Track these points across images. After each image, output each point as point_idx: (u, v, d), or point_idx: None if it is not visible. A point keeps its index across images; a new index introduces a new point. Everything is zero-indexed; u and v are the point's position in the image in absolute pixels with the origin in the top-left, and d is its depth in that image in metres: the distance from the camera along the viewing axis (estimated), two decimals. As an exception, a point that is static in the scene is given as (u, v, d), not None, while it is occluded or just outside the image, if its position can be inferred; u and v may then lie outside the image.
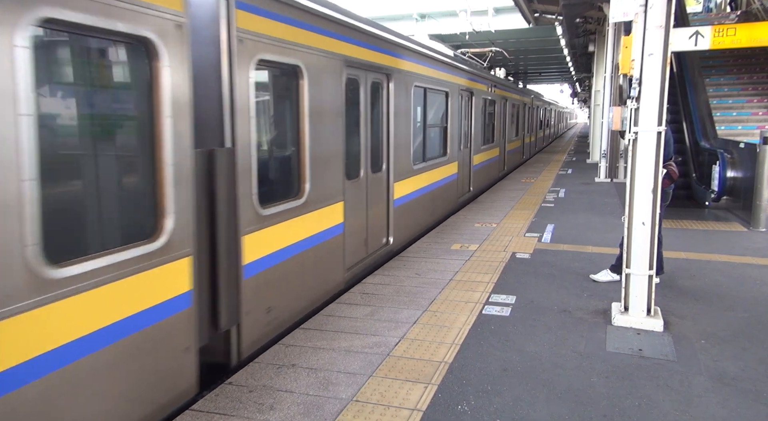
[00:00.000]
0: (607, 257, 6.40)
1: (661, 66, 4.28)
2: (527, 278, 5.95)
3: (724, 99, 15.01)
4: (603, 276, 5.82)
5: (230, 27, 3.71)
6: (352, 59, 5.60)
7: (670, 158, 5.42)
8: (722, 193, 9.73)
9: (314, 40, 4.80)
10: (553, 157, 23.20)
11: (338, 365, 3.89)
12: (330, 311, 4.94)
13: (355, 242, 5.89)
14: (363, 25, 5.87)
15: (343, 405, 3.36)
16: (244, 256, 3.90)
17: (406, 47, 7.23)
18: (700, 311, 5.00)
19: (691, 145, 11.91)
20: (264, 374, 3.77)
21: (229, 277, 3.78)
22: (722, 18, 16.14)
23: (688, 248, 7.18)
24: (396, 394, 3.50)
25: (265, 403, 3.39)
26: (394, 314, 4.88)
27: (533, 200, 11.32)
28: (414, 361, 3.96)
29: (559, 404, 3.39)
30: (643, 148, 4.44)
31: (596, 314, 4.88)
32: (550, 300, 5.25)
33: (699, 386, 3.62)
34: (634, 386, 3.61)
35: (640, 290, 4.61)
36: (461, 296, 5.37)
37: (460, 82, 10.20)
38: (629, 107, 4.42)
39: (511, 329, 4.55)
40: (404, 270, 6.25)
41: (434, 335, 4.43)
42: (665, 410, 3.32)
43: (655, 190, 4.46)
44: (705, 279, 5.95)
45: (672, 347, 4.21)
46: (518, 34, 25.32)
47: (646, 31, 4.28)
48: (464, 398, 3.46)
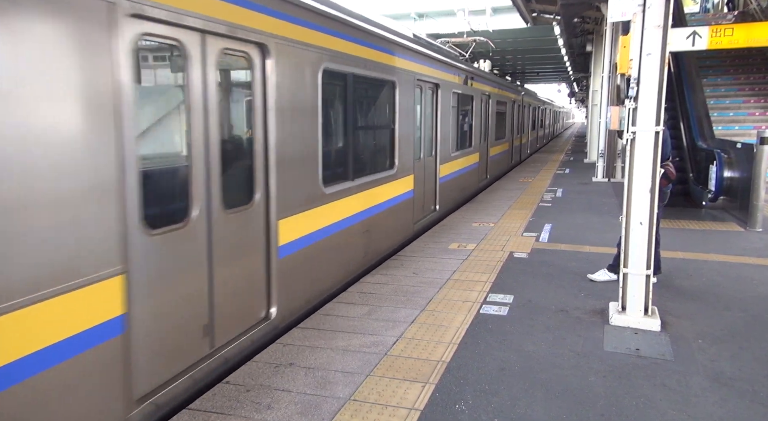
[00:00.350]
0: (605, 256, 6.41)
1: (659, 66, 4.28)
2: (525, 278, 5.95)
3: (722, 99, 15.06)
4: (600, 276, 5.83)
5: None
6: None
7: (667, 158, 5.44)
8: (719, 193, 9.74)
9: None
10: (550, 156, 23.24)
11: (336, 365, 3.88)
12: (327, 310, 4.94)
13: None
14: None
15: (340, 404, 3.36)
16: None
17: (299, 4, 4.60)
18: (698, 310, 5.01)
19: (689, 146, 11.94)
20: (261, 373, 3.76)
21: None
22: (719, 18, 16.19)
23: (685, 248, 7.19)
24: (394, 393, 3.49)
25: (263, 402, 3.38)
26: (391, 313, 4.88)
27: (531, 200, 11.32)
28: (412, 360, 3.96)
29: (557, 403, 3.39)
30: (641, 147, 4.44)
31: (594, 314, 4.88)
32: (548, 300, 5.25)
33: (696, 385, 3.63)
34: (631, 386, 3.61)
35: (638, 290, 4.62)
36: (459, 295, 5.37)
37: (418, 71, 7.83)
38: (627, 107, 4.42)
39: (509, 329, 4.55)
40: (402, 269, 6.25)
41: (432, 334, 4.42)
42: (662, 410, 3.32)
43: (653, 190, 4.46)
44: (702, 279, 5.96)
45: (669, 347, 4.22)
46: (516, 34, 25.35)
47: (645, 31, 4.28)
48: (462, 397, 3.45)
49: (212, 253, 3.58)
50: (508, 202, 11.07)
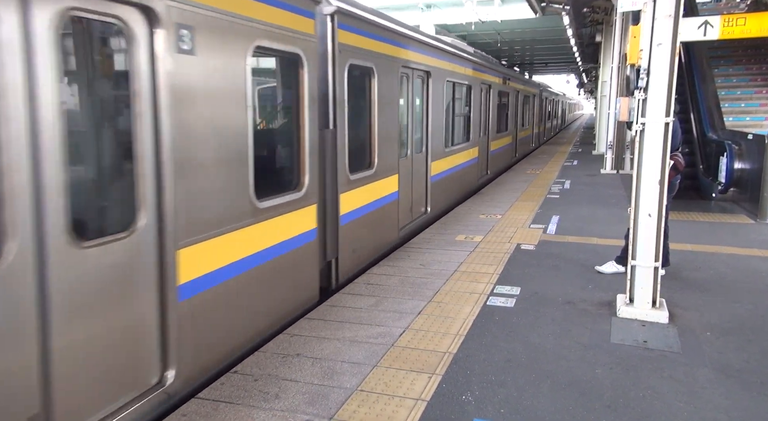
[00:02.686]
0: (612, 248, 6.38)
1: (669, 56, 4.24)
2: (532, 270, 5.94)
3: (733, 90, 14.89)
4: (608, 268, 5.81)
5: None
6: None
7: (676, 149, 5.39)
8: (729, 185, 9.67)
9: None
10: (558, 148, 23.10)
11: (343, 355, 3.90)
12: (334, 302, 4.96)
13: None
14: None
15: (347, 394, 3.38)
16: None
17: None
18: (706, 303, 4.98)
19: (698, 137, 11.83)
20: (269, 363, 3.79)
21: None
22: (732, 8, 15.96)
23: (694, 240, 7.15)
24: (400, 384, 3.51)
25: (270, 392, 3.41)
26: (398, 304, 4.89)
27: (538, 192, 11.28)
28: (418, 351, 3.97)
29: (563, 394, 3.40)
30: (650, 139, 4.40)
31: (601, 306, 4.87)
32: (555, 292, 5.25)
33: (703, 377, 3.62)
34: (638, 378, 3.61)
35: (646, 282, 4.60)
36: (466, 287, 5.37)
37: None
38: (637, 98, 4.38)
39: (516, 321, 4.55)
40: (409, 261, 6.26)
41: (438, 325, 4.43)
42: (669, 402, 3.32)
43: (662, 181, 4.43)
44: (711, 271, 5.92)
45: (677, 339, 4.21)
46: (525, 25, 25.11)
47: (655, 21, 4.23)
48: (468, 388, 3.47)
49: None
50: (515, 194, 11.03)
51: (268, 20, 3.95)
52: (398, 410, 3.22)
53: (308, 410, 3.20)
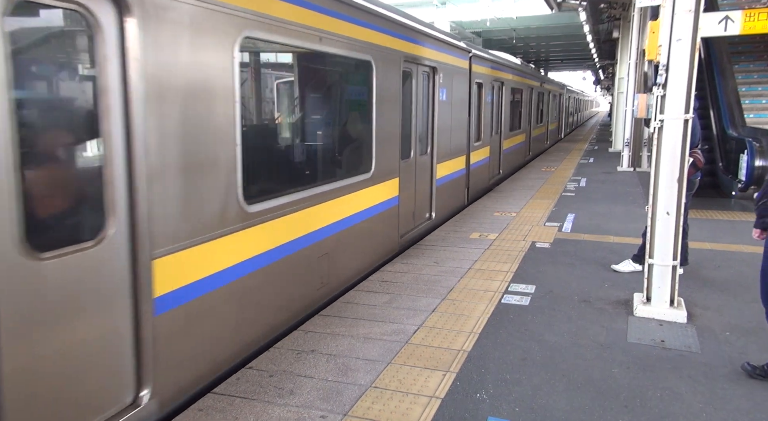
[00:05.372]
0: (629, 247, 6.31)
1: (689, 52, 4.17)
2: (547, 268, 5.90)
3: (754, 86, 14.59)
4: (625, 266, 5.74)
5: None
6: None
7: (695, 146, 5.31)
8: (750, 182, 9.49)
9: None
10: (574, 145, 22.89)
11: (357, 352, 3.91)
12: (349, 298, 4.97)
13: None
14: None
15: (361, 391, 3.39)
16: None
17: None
18: (725, 302, 4.91)
19: (718, 134, 11.63)
20: (284, 359, 3.81)
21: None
22: (753, 2, 15.65)
23: (713, 239, 7.04)
24: (414, 381, 3.51)
25: (285, 387, 3.43)
26: (412, 301, 4.89)
27: (554, 189, 11.19)
28: (432, 349, 3.96)
29: (579, 394, 3.37)
30: (668, 136, 4.34)
31: (617, 305, 4.82)
32: (570, 290, 5.20)
33: (723, 378, 3.56)
34: (656, 378, 3.56)
35: (663, 281, 4.54)
36: (480, 284, 5.35)
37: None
38: (655, 94, 4.32)
39: (531, 319, 4.52)
40: (423, 258, 6.25)
41: (453, 323, 4.42)
42: (688, 402, 3.27)
43: (681, 179, 4.37)
44: (730, 270, 5.83)
45: (695, 339, 4.15)
46: (540, 21, 24.91)
47: (675, 16, 4.17)
48: (483, 386, 3.45)
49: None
50: (530, 191, 10.95)
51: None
52: (412, 407, 3.21)
53: (323, 406, 3.21)
